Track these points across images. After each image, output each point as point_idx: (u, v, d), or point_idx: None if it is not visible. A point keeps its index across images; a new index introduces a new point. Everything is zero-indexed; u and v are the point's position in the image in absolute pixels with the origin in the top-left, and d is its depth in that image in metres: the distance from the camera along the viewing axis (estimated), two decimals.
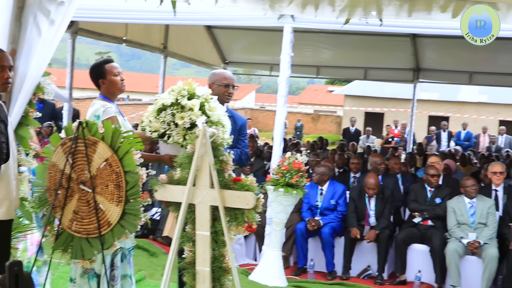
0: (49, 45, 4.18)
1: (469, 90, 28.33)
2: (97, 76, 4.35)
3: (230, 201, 3.57)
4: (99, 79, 4.34)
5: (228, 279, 3.72)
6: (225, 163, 3.63)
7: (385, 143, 18.02)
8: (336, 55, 14.83)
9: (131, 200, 3.72)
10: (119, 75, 4.37)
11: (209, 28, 13.62)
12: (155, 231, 8.31)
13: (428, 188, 7.64)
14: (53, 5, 4.19)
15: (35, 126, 4.28)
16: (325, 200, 7.67)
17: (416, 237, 7.42)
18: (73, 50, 9.86)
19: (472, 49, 11.27)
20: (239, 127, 4.84)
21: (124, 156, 3.71)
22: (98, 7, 7.91)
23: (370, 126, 20.61)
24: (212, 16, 7.90)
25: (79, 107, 16.41)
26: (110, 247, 3.80)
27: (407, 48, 12.91)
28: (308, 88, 57.07)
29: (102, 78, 4.33)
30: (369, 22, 5.53)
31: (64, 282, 5.75)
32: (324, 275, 7.41)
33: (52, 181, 3.92)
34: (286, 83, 7.29)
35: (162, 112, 3.94)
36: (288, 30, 7.20)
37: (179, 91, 3.96)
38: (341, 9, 5.07)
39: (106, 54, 67.99)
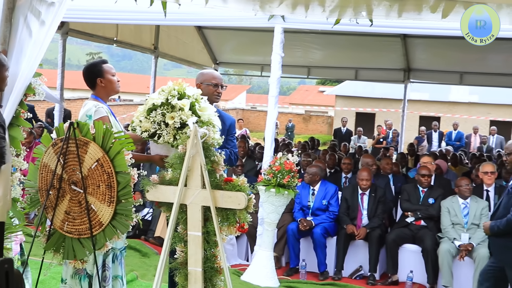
0: (39, 46, 4.17)
1: (460, 90, 28.41)
2: (95, 75, 4.33)
3: (221, 201, 3.57)
4: (97, 77, 4.32)
5: (220, 279, 3.72)
6: (216, 164, 3.64)
7: (376, 143, 18.07)
8: (327, 55, 14.86)
9: (122, 201, 3.73)
10: (115, 76, 4.39)
11: (200, 29, 13.64)
12: (147, 231, 8.31)
13: (420, 189, 7.67)
14: (43, 6, 4.18)
15: (26, 126, 4.27)
16: (316, 200, 7.69)
17: (408, 237, 7.44)
18: (64, 50, 9.82)
19: (463, 49, 11.35)
20: (228, 127, 4.82)
21: (115, 156, 3.71)
22: (89, 7, 7.89)
23: (361, 126, 20.66)
24: (203, 17, 7.90)
25: (70, 108, 16.39)
26: (102, 248, 3.80)
27: (398, 49, 12.96)
28: (299, 88, 57.13)
29: (100, 76, 4.32)
30: (359, 22, 5.54)
31: (56, 282, 5.75)
32: (316, 276, 7.43)
33: (44, 181, 3.92)
34: (277, 84, 7.29)
35: (153, 112, 3.93)
36: (279, 30, 7.21)
37: (169, 91, 3.96)
38: (331, 9, 5.08)
39: (97, 55, 67.79)
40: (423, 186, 7.65)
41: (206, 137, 3.58)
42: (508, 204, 5.32)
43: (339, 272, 7.43)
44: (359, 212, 7.65)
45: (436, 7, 4.60)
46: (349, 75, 16.53)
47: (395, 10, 4.82)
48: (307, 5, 5.17)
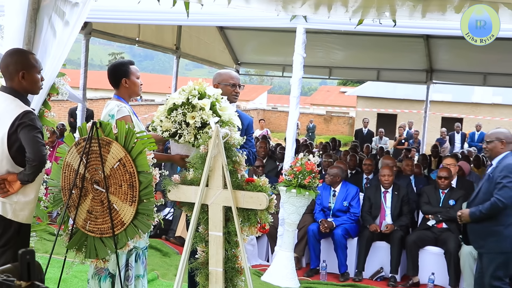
0: (63, 46, 4.21)
1: (483, 91, 28.15)
2: (121, 75, 4.34)
3: (243, 201, 3.57)
4: (122, 77, 4.33)
5: (240, 279, 3.72)
6: (238, 164, 3.63)
7: (398, 144, 17.95)
8: (349, 56, 14.79)
9: (144, 200, 3.74)
10: (139, 79, 4.42)
11: (222, 29, 13.65)
12: (168, 231, 8.34)
13: (440, 190, 7.59)
14: (67, 6, 4.22)
15: (50, 126, 4.31)
16: (337, 201, 7.66)
17: (429, 239, 7.37)
18: (87, 51, 9.89)
19: (486, 50, 11.19)
20: (246, 127, 4.80)
21: (137, 156, 3.73)
22: (112, 8, 7.94)
23: (382, 127, 20.55)
24: (225, 17, 7.90)
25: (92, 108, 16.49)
26: (123, 247, 3.82)
27: (420, 49, 12.85)
28: (320, 89, 56.99)
29: (126, 77, 4.33)
30: (382, 23, 5.50)
31: (78, 281, 5.79)
32: (336, 277, 7.39)
33: (66, 180, 3.95)
34: (298, 84, 7.27)
35: (173, 111, 3.94)
36: (301, 31, 7.18)
37: (190, 91, 3.97)
38: (354, 10, 5.04)
39: (119, 55, 68.27)
40: (441, 188, 7.57)
41: (228, 138, 3.58)
42: (488, 189, 5.40)
43: (360, 273, 7.39)
44: (382, 209, 7.61)
45: (460, 7, 4.55)
46: (371, 76, 16.43)
47: (418, 11, 4.77)
48: (330, 5, 5.14)
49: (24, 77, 3.61)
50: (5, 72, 3.66)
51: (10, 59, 3.66)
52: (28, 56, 3.73)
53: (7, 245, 3.60)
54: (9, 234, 3.59)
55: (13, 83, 3.63)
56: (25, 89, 3.66)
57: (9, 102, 3.59)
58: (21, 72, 3.61)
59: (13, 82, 3.63)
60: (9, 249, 3.60)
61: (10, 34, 4.15)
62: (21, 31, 4.14)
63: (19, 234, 3.61)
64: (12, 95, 3.61)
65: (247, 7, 5.84)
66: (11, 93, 3.61)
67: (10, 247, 3.60)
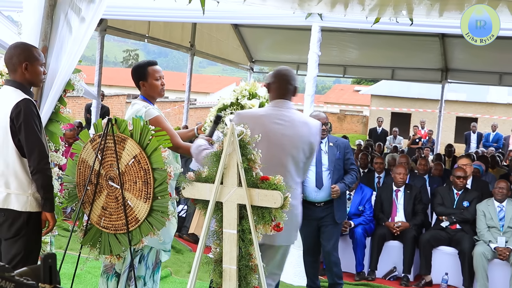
0: (79, 42, 4.22)
1: (498, 91, 27.93)
2: (138, 77, 4.27)
3: (257, 199, 3.55)
4: (140, 80, 4.27)
5: (254, 277, 3.71)
6: (253, 162, 3.62)
7: (412, 143, 17.87)
8: (363, 54, 14.74)
9: (159, 197, 3.75)
10: (160, 79, 4.30)
11: (236, 27, 13.64)
12: (181, 228, 8.35)
13: (455, 191, 7.52)
14: (84, 3, 4.23)
15: (65, 122, 4.33)
16: (353, 205, 7.57)
17: (443, 239, 7.32)
18: (102, 47, 9.94)
19: (502, 50, 11.12)
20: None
21: (152, 153, 3.73)
22: (127, 5, 7.96)
23: (396, 126, 20.45)
24: (241, 15, 7.89)
25: (107, 104, 16.57)
26: (137, 243, 3.83)
27: (436, 48, 12.78)
28: (334, 87, 56.82)
29: (143, 80, 4.25)
30: (399, 21, 5.47)
31: (91, 277, 5.81)
32: (349, 275, 7.35)
33: (81, 177, 3.97)
34: (313, 83, 7.24)
35: (222, 111, 3.97)
36: (316, 29, 7.15)
37: (240, 91, 4.00)
38: (371, 8, 5.02)
39: (133, 52, 68.51)
40: (458, 188, 7.48)
41: (243, 135, 3.58)
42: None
43: (373, 272, 7.36)
44: (394, 206, 7.57)
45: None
46: (385, 75, 16.37)
47: (436, 10, 4.74)
48: (347, 3, 5.12)
49: (27, 68, 3.66)
50: (8, 64, 3.71)
51: (14, 51, 3.71)
52: (31, 48, 3.77)
53: (17, 235, 3.61)
54: (18, 224, 3.61)
55: (16, 74, 3.68)
56: (27, 81, 3.71)
57: (10, 91, 3.64)
58: (24, 63, 3.65)
59: (16, 74, 3.68)
60: (19, 239, 3.62)
61: (27, 30, 4.18)
62: (37, 28, 4.16)
63: (28, 224, 3.63)
64: (14, 86, 3.66)
65: (263, 5, 5.83)
66: (13, 85, 3.66)
67: (20, 237, 3.62)
